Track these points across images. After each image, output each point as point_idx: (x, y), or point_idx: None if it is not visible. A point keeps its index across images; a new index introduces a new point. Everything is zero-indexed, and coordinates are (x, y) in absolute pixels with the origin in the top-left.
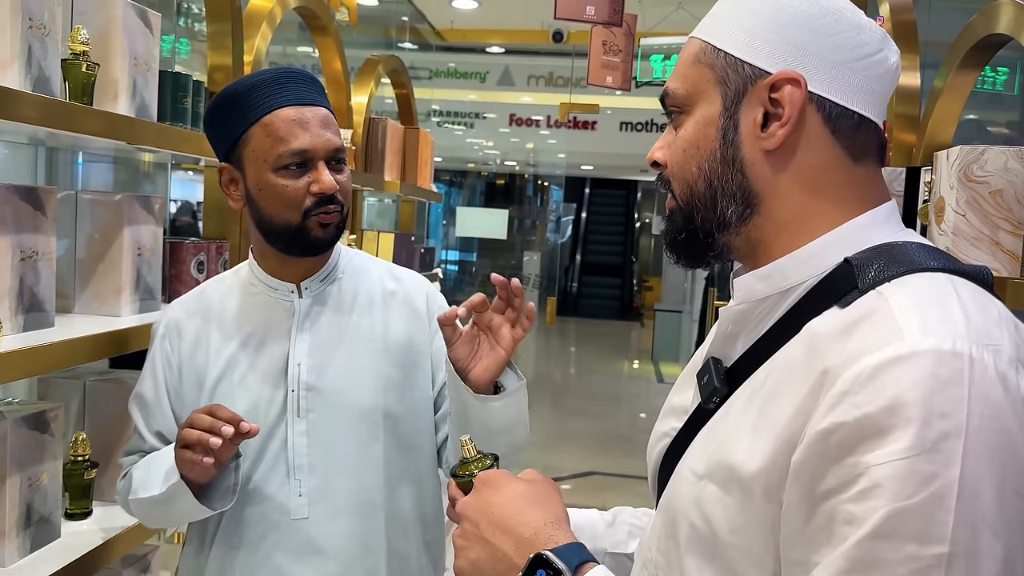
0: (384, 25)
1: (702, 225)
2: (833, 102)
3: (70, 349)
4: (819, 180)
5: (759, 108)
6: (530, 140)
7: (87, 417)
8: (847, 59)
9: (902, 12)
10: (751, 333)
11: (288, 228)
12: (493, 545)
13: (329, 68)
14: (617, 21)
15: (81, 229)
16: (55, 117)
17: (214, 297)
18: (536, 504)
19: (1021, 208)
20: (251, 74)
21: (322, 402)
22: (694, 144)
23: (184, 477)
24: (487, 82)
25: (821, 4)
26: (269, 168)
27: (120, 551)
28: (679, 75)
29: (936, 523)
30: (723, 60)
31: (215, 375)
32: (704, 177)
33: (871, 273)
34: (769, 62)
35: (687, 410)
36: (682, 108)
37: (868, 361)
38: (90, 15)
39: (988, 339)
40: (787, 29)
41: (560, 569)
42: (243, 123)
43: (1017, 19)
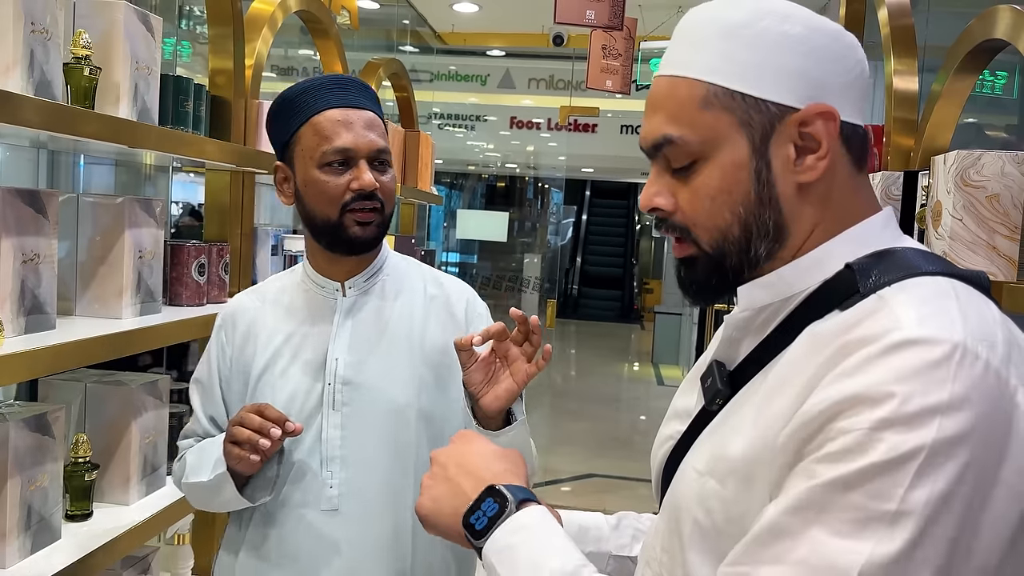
0: (385, 28)
1: (734, 266)
2: (847, 122)
3: (71, 351)
4: (834, 195)
5: (789, 144)
6: (531, 143)
7: (88, 419)
8: (851, 79)
9: (900, 16)
10: (754, 337)
11: (328, 223)
12: (455, 483)
13: (330, 71)
14: (617, 25)
15: (82, 232)
16: (57, 121)
17: (269, 292)
18: (503, 460)
19: (1017, 212)
20: (306, 80)
21: (357, 397)
22: (724, 190)
23: (230, 469)
24: (488, 85)
25: (822, 30)
26: (314, 165)
27: (120, 552)
28: (684, 121)
29: (892, 483)
30: (742, 101)
31: (261, 366)
32: (739, 221)
33: (872, 278)
34: (792, 97)
35: (691, 413)
36: (695, 157)
37: (865, 351)
38: (92, 19)
39: (983, 336)
40: (801, 60)
41: (507, 498)
42: (295, 124)
43: (1015, 24)
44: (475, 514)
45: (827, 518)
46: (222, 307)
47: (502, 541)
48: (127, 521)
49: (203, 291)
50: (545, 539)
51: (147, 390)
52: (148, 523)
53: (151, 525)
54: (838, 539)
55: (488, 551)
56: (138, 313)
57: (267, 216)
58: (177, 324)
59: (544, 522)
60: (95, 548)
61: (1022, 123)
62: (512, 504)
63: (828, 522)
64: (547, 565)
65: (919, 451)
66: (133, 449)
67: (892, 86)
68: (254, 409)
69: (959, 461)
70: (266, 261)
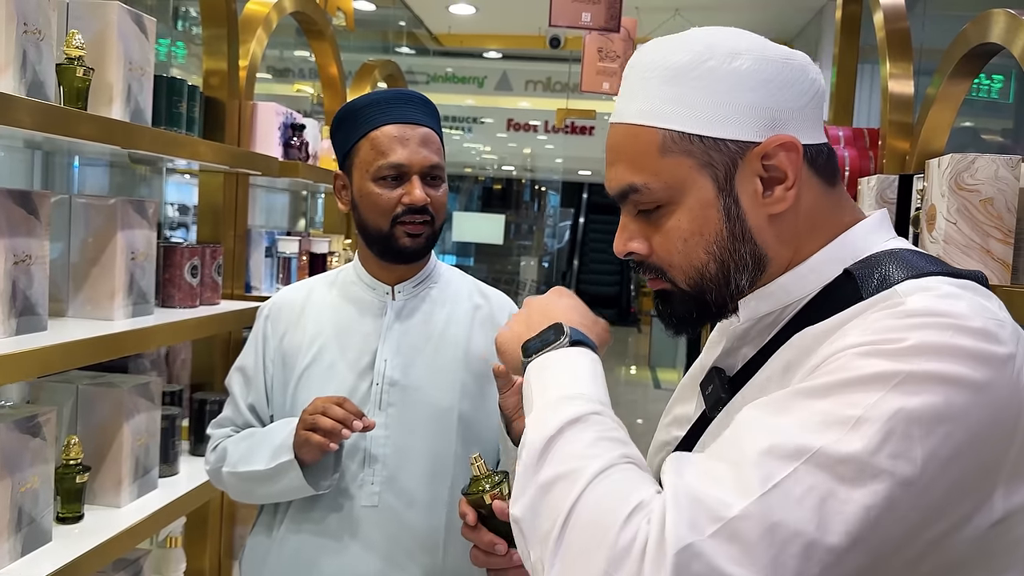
0: (381, 30)
1: (715, 300)
2: (810, 145)
3: (63, 353)
4: (812, 216)
5: (754, 178)
6: (528, 145)
7: (79, 421)
8: (805, 102)
9: (896, 20)
10: (754, 344)
11: (380, 234)
12: (533, 320)
13: (325, 73)
14: (614, 27)
15: (75, 233)
16: (49, 122)
17: (317, 289)
18: (583, 315)
19: (1011, 216)
20: (369, 93)
21: (403, 398)
22: (696, 232)
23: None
24: (485, 87)
25: (771, 59)
26: (370, 178)
27: (112, 555)
28: (645, 169)
29: (862, 395)
30: (700, 144)
31: (306, 360)
32: (715, 259)
33: (875, 281)
34: (751, 132)
35: (690, 419)
36: (661, 202)
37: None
38: (85, 20)
39: (992, 316)
40: (753, 95)
41: (564, 332)
42: (355, 136)
43: (1009, 28)
44: (534, 340)
45: (791, 417)
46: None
47: (545, 361)
48: (119, 524)
49: (196, 293)
50: (583, 371)
51: (139, 392)
52: (140, 526)
53: (143, 528)
54: (799, 430)
55: (531, 367)
56: (130, 315)
57: (262, 218)
58: (169, 326)
59: (590, 363)
60: (86, 551)
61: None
62: (567, 338)
63: (792, 420)
64: (573, 388)
65: (898, 374)
66: (125, 451)
67: (888, 89)
68: (335, 401)
69: (937, 396)
70: (259, 263)
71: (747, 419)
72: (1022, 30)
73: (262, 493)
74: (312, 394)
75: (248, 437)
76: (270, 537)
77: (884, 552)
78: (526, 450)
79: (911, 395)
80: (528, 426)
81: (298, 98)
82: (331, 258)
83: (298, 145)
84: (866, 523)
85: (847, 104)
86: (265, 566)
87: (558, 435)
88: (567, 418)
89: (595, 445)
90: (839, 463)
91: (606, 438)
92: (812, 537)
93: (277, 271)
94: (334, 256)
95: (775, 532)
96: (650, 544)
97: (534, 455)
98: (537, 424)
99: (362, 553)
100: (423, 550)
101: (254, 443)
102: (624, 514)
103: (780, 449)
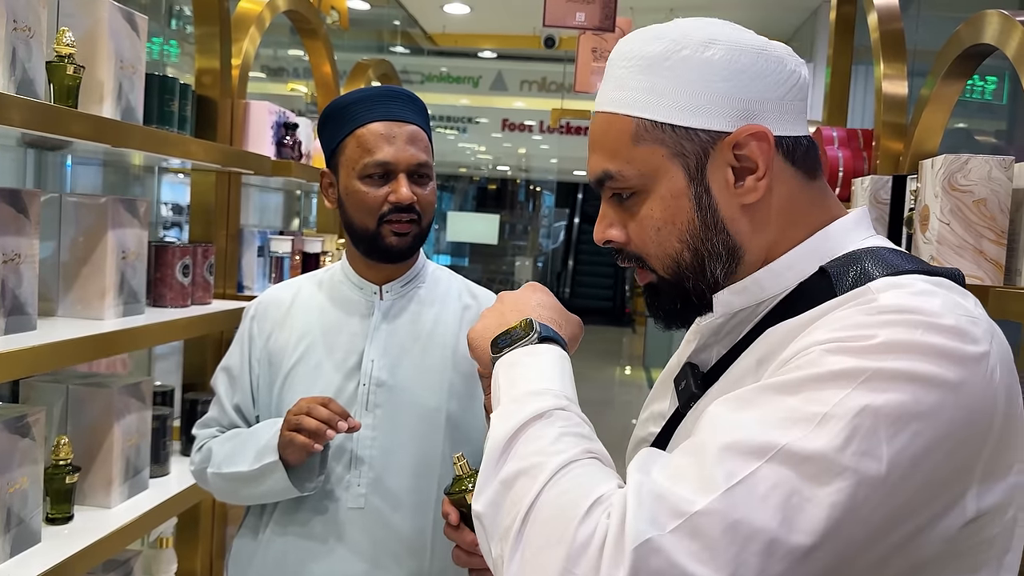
0: (376, 29)
1: (695, 289)
2: (787, 137)
3: (52, 352)
4: (788, 209)
5: (726, 167)
6: (522, 145)
7: (70, 421)
8: (782, 93)
9: (890, 21)
10: (727, 340)
11: (366, 233)
12: (504, 317)
13: (319, 72)
14: (609, 27)
15: (65, 232)
16: (39, 120)
17: (304, 289)
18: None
19: (1004, 217)
20: (356, 90)
21: (390, 399)
22: (668, 221)
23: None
24: (480, 87)
25: (745, 49)
26: (356, 176)
27: (102, 556)
28: (620, 156)
29: (828, 392)
30: (671, 133)
31: (293, 360)
32: (689, 247)
33: (849, 279)
34: (722, 122)
35: (665, 416)
36: (635, 190)
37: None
38: (76, 17)
39: (968, 313)
40: (726, 85)
41: (535, 328)
42: (341, 133)
43: (1002, 29)
44: (503, 336)
45: (757, 412)
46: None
47: (513, 357)
48: (109, 524)
49: (187, 292)
50: (550, 367)
51: (130, 392)
52: (130, 526)
53: (133, 528)
54: (764, 426)
55: (499, 363)
56: (121, 314)
57: (255, 217)
58: (161, 326)
59: (558, 358)
60: (76, 551)
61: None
62: (536, 334)
63: (757, 415)
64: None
65: (865, 371)
66: (115, 451)
67: (881, 90)
68: (320, 401)
69: (905, 394)
70: (252, 262)
71: (713, 415)
72: (1015, 31)
73: (247, 494)
74: (298, 394)
75: (233, 438)
76: (256, 539)
77: (850, 551)
78: (489, 445)
79: (878, 392)
80: (493, 421)
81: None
82: (324, 258)
83: (291, 144)
84: (830, 522)
85: (841, 105)
86: (251, 568)
87: (521, 430)
88: (531, 413)
89: (559, 441)
90: (804, 460)
91: (570, 434)
92: (775, 535)
93: (270, 271)
94: (327, 256)
95: (737, 529)
96: (609, 538)
97: (497, 450)
98: (501, 419)
99: (348, 555)
100: (409, 552)
101: (239, 444)
102: (584, 508)
103: (744, 445)
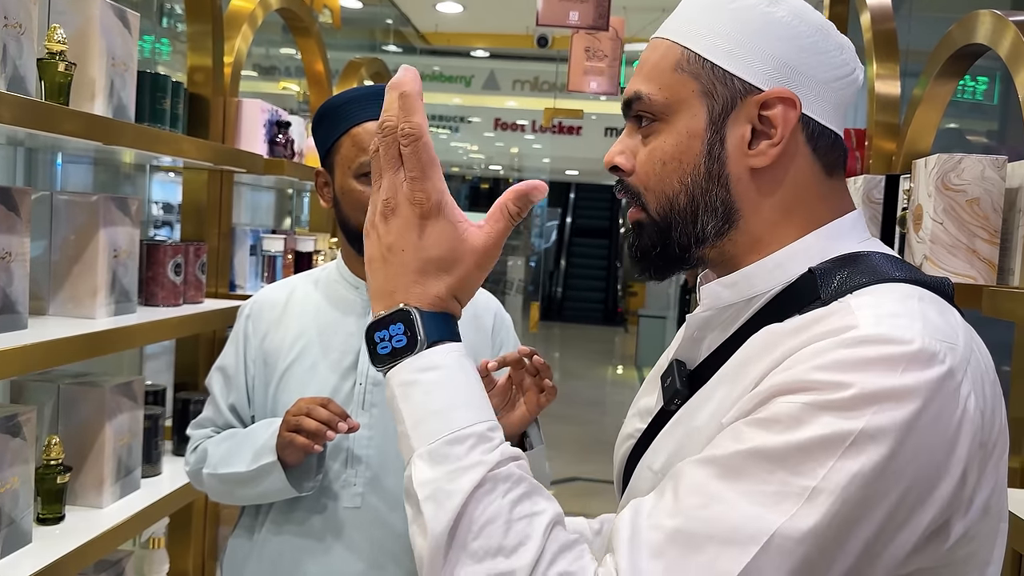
0: (368, 28)
1: (679, 239)
2: (816, 121)
3: (43, 351)
4: (797, 196)
5: (747, 124)
6: (515, 144)
7: (61, 421)
8: (830, 78)
9: (883, 21)
10: (715, 337)
11: (360, 231)
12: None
13: (311, 70)
14: (602, 26)
15: (56, 230)
16: (30, 117)
17: (299, 288)
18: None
19: (997, 216)
20: (350, 89)
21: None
22: (675, 157)
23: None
24: (472, 86)
25: (809, 21)
26: (351, 175)
27: (93, 556)
28: (655, 80)
29: (816, 463)
30: (710, 71)
31: (288, 360)
32: (687, 192)
33: (834, 284)
34: (760, 78)
35: (651, 412)
36: (657, 116)
37: (820, 344)
38: (68, 14)
39: (944, 338)
40: (778, 44)
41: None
42: (336, 133)
43: (995, 29)
44: (381, 332)
45: (745, 486)
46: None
47: (405, 376)
48: (100, 524)
49: (179, 291)
50: (454, 387)
51: (121, 391)
52: (122, 526)
53: (125, 529)
54: (753, 506)
55: (391, 380)
56: (112, 313)
57: (248, 216)
58: (152, 324)
59: (460, 365)
60: (67, 552)
61: (1003, 128)
62: (422, 344)
63: (746, 490)
64: (455, 420)
65: (849, 435)
66: (107, 451)
67: (874, 90)
68: (319, 402)
69: (887, 447)
70: (244, 261)
71: (697, 485)
72: (1008, 31)
73: (243, 495)
74: (294, 394)
75: (229, 438)
76: (251, 539)
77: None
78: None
79: (864, 455)
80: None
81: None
82: (316, 256)
83: (283, 143)
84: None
85: None
86: (246, 568)
87: (463, 515)
88: (466, 492)
89: (511, 527)
90: (799, 543)
91: (518, 501)
92: None
93: (262, 269)
94: (319, 255)
95: None
96: None
97: (439, 545)
98: (431, 501)
99: (345, 555)
100: (406, 552)
101: (235, 444)
102: None
103: (735, 532)
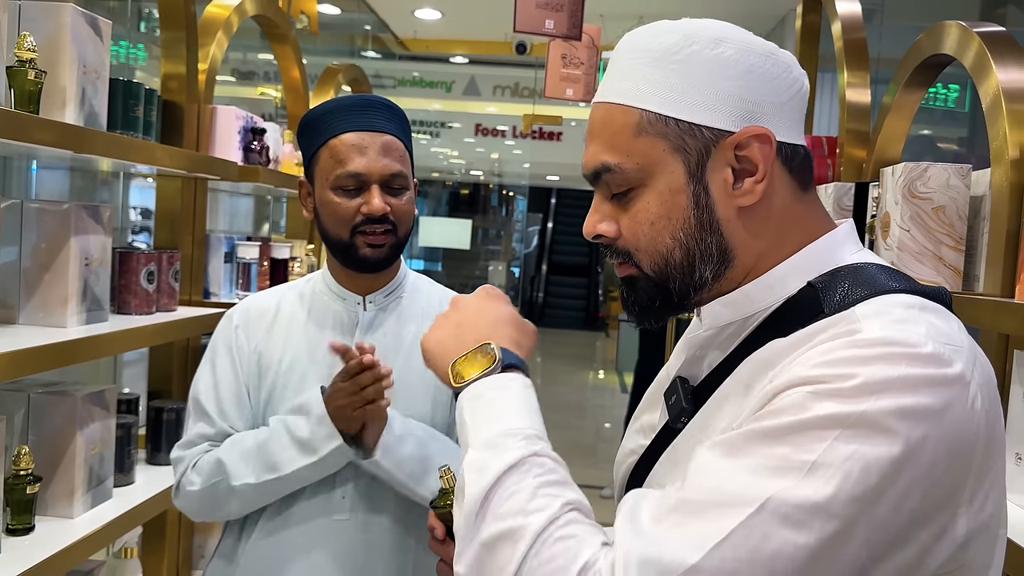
0: (347, 34)
1: (679, 290)
2: (787, 143)
3: (13, 361)
4: (785, 218)
5: (726, 167)
6: (495, 150)
7: (31, 430)
8: (786, 99)
9: (853, 30)
10: (717, 354)
11: (341, 243)
12: (461, 334)
13: (288, 77)
14: (576, 35)
15: (27, 238)
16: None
17: (286, 299)
18: (511, 327)
19: (962, 224)
20: (333, 99)
21: None
22: (663, 216)
23: None
24: (452, 92)
25: (755, 51)
26: (329, 187)
27: (64, 567)
28: (620, 149)
29: (816, 439)
30: (675, 127)
31: (278, 371)
32: (681, 246)
33: (836, 297)
34: (726, 121)
35: (655, 428)
36: (632, 184)
37: (827, 345)
38: (38, 22)
39: (950, 341)
40: (733, 84)
41: (495, 357)
42: (315, 144)
43: (960, 40)
44: (464, 362)
45: (748, 461)
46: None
47: (477, 391)
48: (71, 535)
49: (152, 299)
50: (517, 402)
51: (93, 400)
52: (93, 536)
53: (97, 538)
54: (752, 475)
55: (462, 397)
56: (84, 322)
57: (226, 221)
58: (125, 333)
59: (522, 390)
60: (36, 563)
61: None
62: (499, 364)
63: (748, 464)
64: (508, 422)
65: (850, 416)
66: (78, 461)
67: (845, 98)
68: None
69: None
70: (219, 269)
71: (702, 462)
72: (973, 42)
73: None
74: (284, 405)
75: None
76: (236, 551)
77: None
78: (465, 501)
79: (864, 435)
80: (465, 471)
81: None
82: (293, 263)
83: (258, 149)
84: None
85: (806, 112)
86: None
87: (496, 485)
88: (505, 465)
89: (536, 496)
90: (795, 509)
91: (547, 483)
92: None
93: (237, 277)
94: (296, 261)
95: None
96: None
97: (473, 508)
98: (474, 471)
99: (331, 566)
100: (394, 562)
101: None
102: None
103: (733, 496)
